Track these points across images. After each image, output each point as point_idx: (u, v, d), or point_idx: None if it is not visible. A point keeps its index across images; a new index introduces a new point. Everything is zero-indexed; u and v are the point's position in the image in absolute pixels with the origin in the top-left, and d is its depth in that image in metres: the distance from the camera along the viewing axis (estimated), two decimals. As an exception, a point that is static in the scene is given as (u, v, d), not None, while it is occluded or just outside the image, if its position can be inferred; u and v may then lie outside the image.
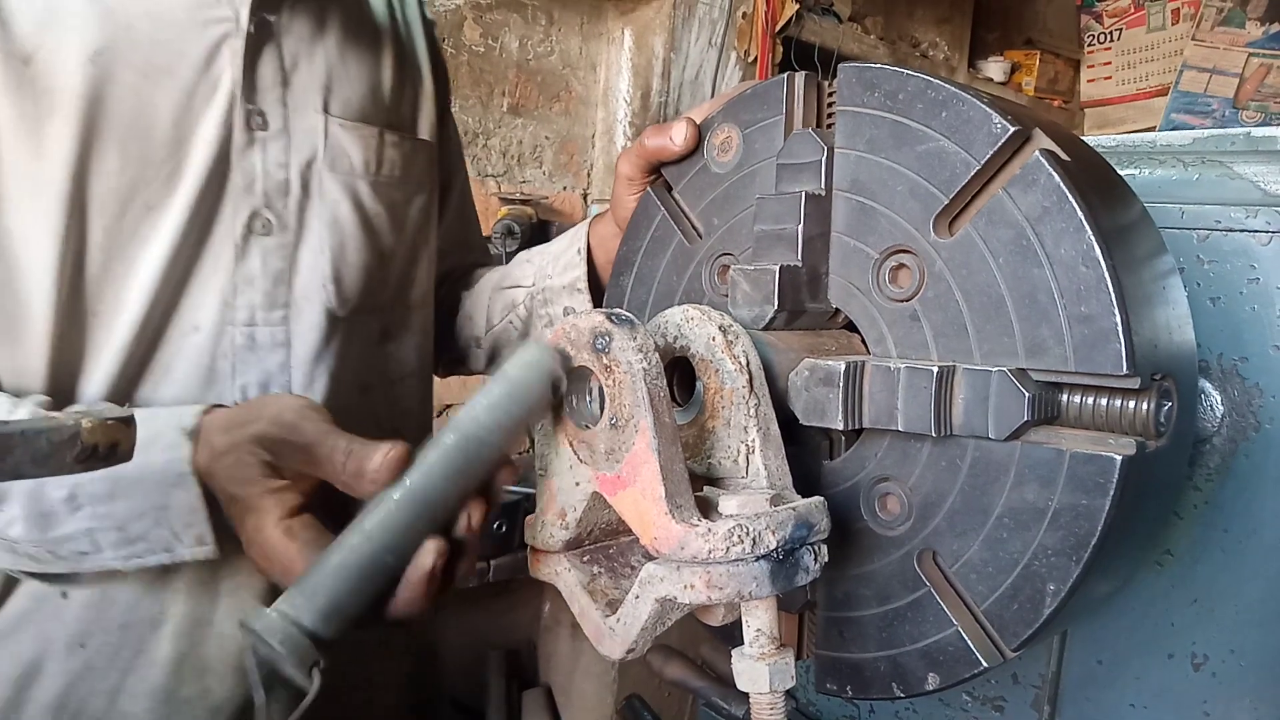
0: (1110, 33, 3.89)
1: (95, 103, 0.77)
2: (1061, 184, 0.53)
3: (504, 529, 2.13)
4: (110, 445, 0.39)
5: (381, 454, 0.57)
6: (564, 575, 0.60)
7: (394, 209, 0.97)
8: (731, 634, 0.69)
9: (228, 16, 0.83)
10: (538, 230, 2.31)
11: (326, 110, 0.90)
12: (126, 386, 0.82)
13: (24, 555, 0.71)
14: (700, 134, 0.74)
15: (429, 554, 0.55)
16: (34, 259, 0.76)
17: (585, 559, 0.60)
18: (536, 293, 1.01)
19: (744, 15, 2.63)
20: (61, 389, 0.79)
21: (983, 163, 0.56)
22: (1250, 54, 3.46)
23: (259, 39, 0.85)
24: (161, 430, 0.69)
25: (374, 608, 0.54)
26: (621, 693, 2.37)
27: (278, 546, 0.61)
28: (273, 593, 0.91)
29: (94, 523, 0.69)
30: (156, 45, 0.80)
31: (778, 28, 2.67)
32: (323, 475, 0.62)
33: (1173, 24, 3.71)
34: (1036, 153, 0.54)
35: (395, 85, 1.00)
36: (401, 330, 1.02)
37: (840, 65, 0.64)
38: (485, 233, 2.22)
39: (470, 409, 0.54)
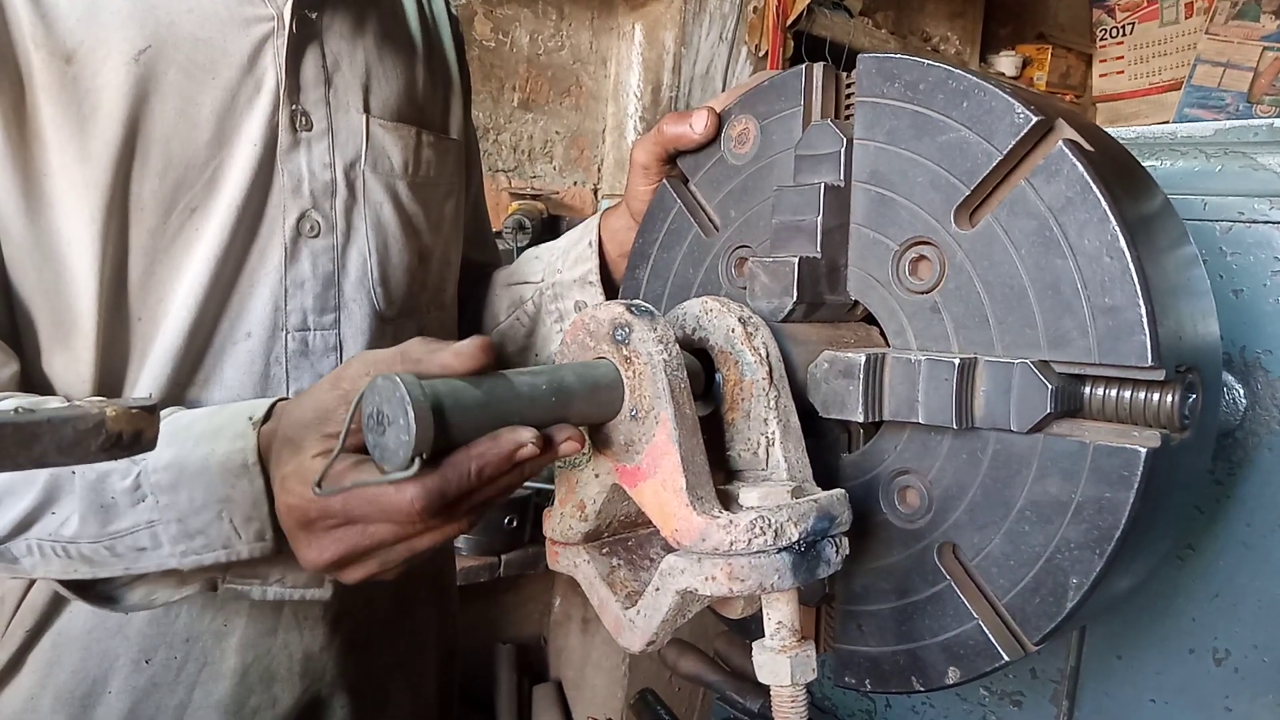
0: (1123, 27, 3.87)
1: (139, 103, 0.76)
2: (1085, 174, 0.52)
3: (514, 524, 2.13)
4: (134, 434, 0.39)
5: (476, 338, 0.55)
6: (583, 567, 0.59)
7: (430, 209, 0.96)
8: (747, 627, 0.69)
9: (269, 15, 0.82)
10: (548, 225, 2.31)
11: (367, 110, 0.90)
12: (178, 393, 0.81)
13: (77, 558, 0.69)
14: (719, 124, 0.73)
15: (529, 434, 0.51)
16: (79, 262, 0.75)
17: (604, 551, 0.60)
18: (546, 288, 1.00)
19: (755, 10, 2.62)
20: (109, 394, 0.78)
21: (1005, 153, 0.55)
22: (1265, 48, 3.43)
23: (302, 38, 0.84)
24: (230, 421, 0.67)
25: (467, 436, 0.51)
26: (632, 687, 2.37)
27: (309, 468, 0.58)
28: (338, 593, 0.91)
29: (156, 514, 0.67)
30: (199, 43, 0.79)
31: (789, 22, 2.66)
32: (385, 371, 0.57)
33: (1186, 18, 3.68)
34: (1060, 143, 0.54)
35: (428, 84, 0.99)
36: (435, 331, 1.00)
37: (860, 55, 0.64)
38: (496, 228, 2.22)
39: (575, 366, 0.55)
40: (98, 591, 0.74)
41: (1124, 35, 3.86)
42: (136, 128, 0.76)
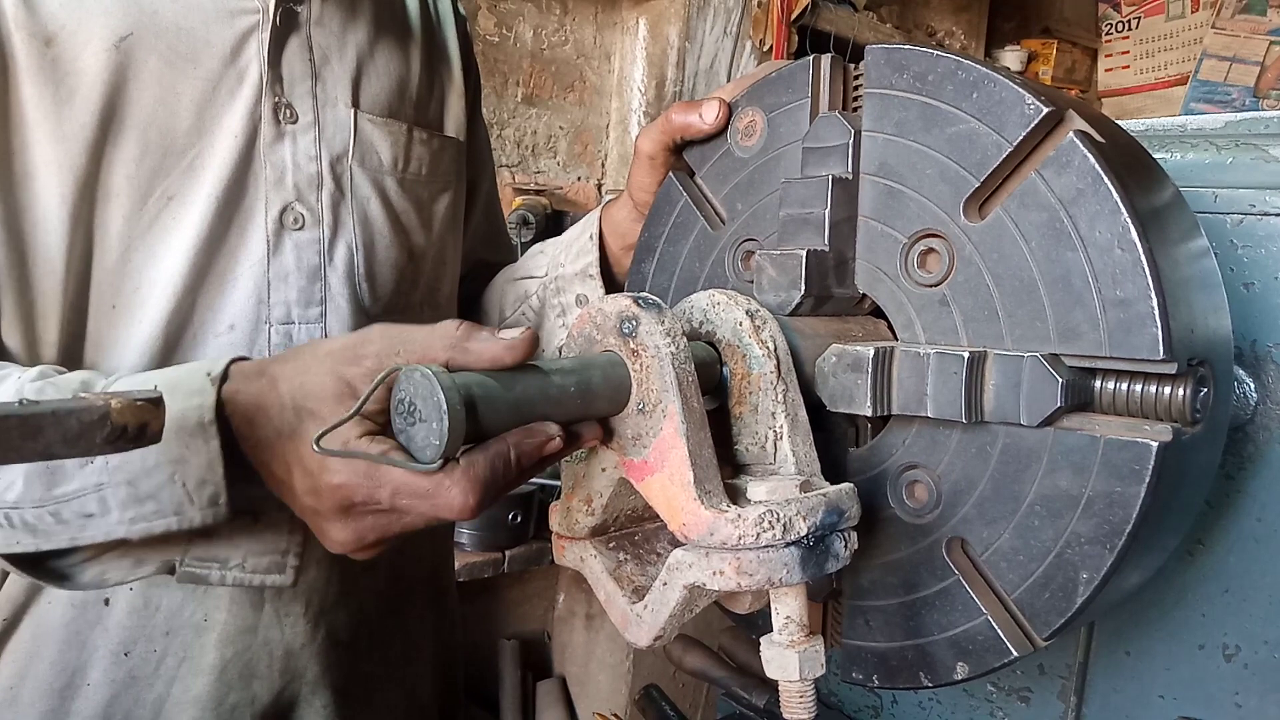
0: (1128, 21, 3.85)
1: (117, 89, 0.76)
2: (1097, 165, 0.52)
3: (518, 519, 2.13)
4: (139, 426, 0.38)
5: (522, 329, 0.53)
6: (590, 562, 0.59)
7: (421, 207, 0.96)
8: (754, 623, 0.69)
9: (254, 7, 0.82)
10: (552, 220, 2.31)
11: (356, 105, 0.89)
12: None
13: (20, 527, 0.66)
14: (729, 114, 0.73)
15: (555, 429, 0.52)
16: (47, 242, 0.75)
17: (611, 545, 0.60)
18: (549, 282, 1.00)
19: (759, 4, 2.61)
20: None
21: (1015, 144, 0.55)
22: (1271, 42, 3.41)
23: (285, 30, 0.84)
24: (186, 376, 0.64)
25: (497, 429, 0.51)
26: (636, 683, 2.37)
27: (351, 447, 0.54)
28: (320, 591, 0.90)
29: (105, 476, 0.64)
30: (181, 33, 0.79)
31: (793, 16, 2.65)
32: (419, 354, 0.55)
33: (1192, 12, 3.67)
34: (1071, 134, 0.53)
35: (424, 81, 0.99)
36: None
37: (868, 46, 0.63)
38: (500, 223, 2.22)
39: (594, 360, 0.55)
40: (49, 567, 0.71)
41: (1129, 30, 3.84)
42: (113, 112, 0.76)
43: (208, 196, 0.80)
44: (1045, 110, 0.54)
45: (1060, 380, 0.52)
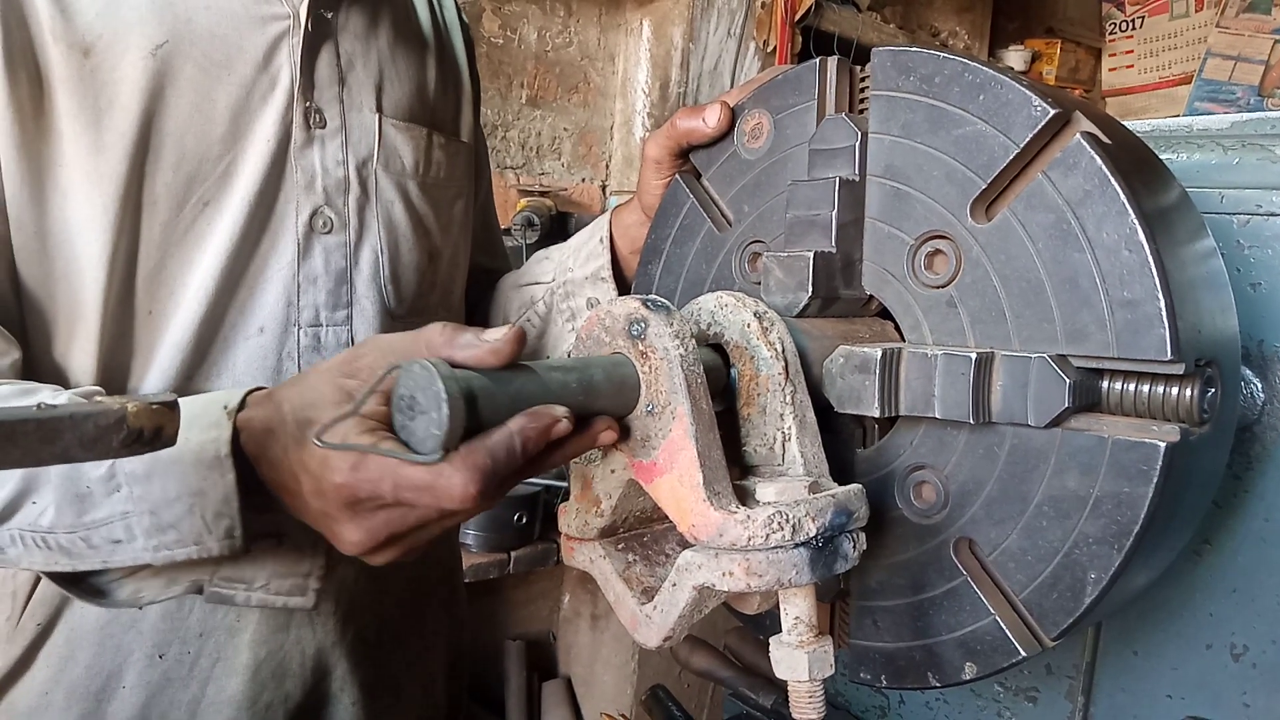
0: (1132, 20, 3.85)
1: (155, 97, 0.77)
2: (1104, 167, 0.52)
3: (524, 520, 2.13)
4: (155, 429, 0.39)
5: (506, 327, 0.53)
6: (599, 563, 0.59)
7: (439, 210, 0.97)
8: (762, 623, 0.69)
9: (285, 13, 0.83)
10: (557, 222, 2.31)
11: (380, 109, 0.91)
12: (185, 386, 0.81)
13: (56, 549, 0.69)
14: (732, 118, 0.73)
15: (562, 410, 0.51)
16: (88, 253, 0.75)
17: (620, 546, 0.60)
18: (556, 287, 1.00)
19: (763, 5, 2.61)
20: (113, 387, 0.79)
21: (1022, 146, 0.55)
22: (1276, 40, 3.40)
23: (317, 36, 0.85)
24: (204, 410, 0.66)
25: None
26: (642, 683, 2.37)
27: (325, 452, 0.54)
28: (350, 590, 0.91)
29: (130, 505, 0.67)
30: (215, 40, 0.80)
31: (797, 17, 2.65)
32: (407, 359, 0.53)
33: (1196, 11, 3.66)
34: (1078, 135, 0.53)
35: (439, 87, 1.00)
36: None
37: (874, 49, 0.63)
38: (504, 224, 2.22)
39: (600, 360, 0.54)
40: (87, 585, 0.73)
41: (1133, 29, 3.83)
42: (151, 121, 0.77)
43: (241, 201, 0.81)
44: (1052, 112, 0.54)
45: (1068, 381, 0.52)
